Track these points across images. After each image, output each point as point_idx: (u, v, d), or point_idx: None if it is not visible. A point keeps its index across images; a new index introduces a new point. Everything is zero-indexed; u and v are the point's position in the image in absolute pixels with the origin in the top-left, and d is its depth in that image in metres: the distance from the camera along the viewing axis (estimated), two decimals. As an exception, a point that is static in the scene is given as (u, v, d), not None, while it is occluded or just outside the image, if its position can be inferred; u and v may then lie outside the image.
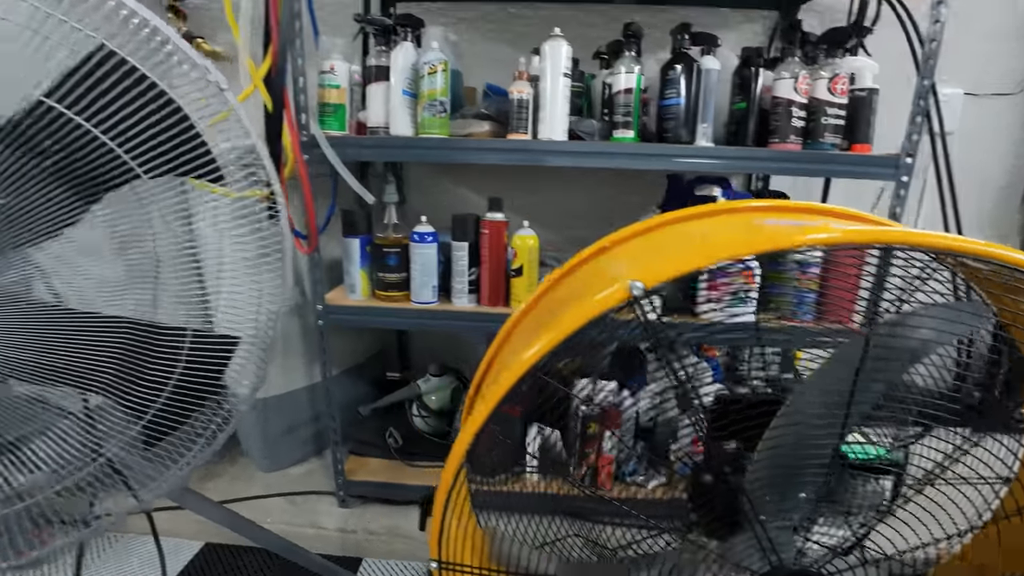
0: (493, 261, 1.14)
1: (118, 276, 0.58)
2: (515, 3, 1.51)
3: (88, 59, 0.48)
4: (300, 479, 1.49)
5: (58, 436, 0.64)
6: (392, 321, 1.23)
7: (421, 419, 1.50)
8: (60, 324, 0.54)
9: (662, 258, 0.53)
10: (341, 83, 1.14)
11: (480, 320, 1.17)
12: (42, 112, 0.47)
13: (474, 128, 1.09)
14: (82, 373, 0.56)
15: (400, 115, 1.10)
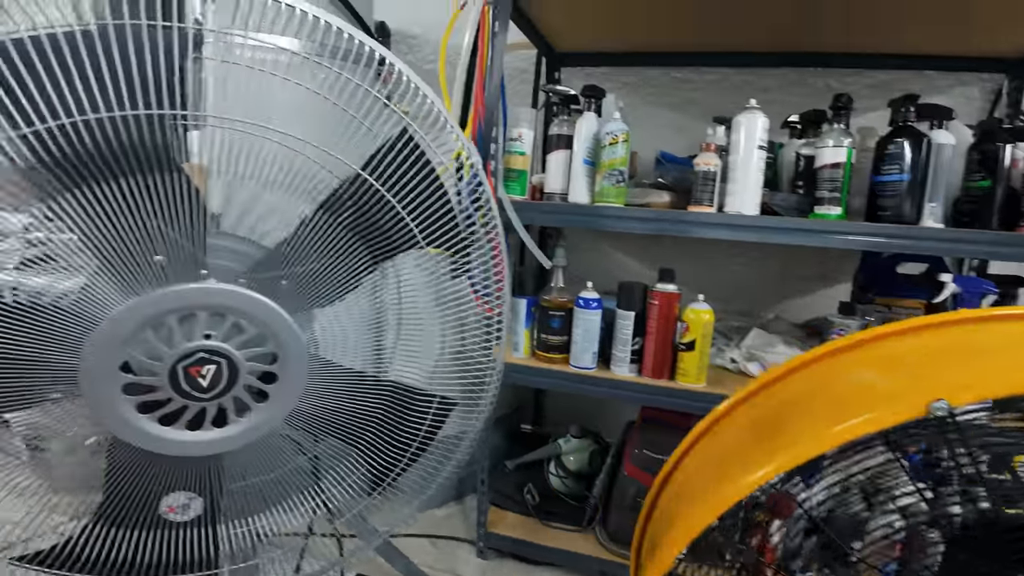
0: (660, 332, 1.11)
1: (390, 342, 0.63)
2: (680, 68, 1.52)
3: (400, 138, 0.54)
4: (442, 522, 1.51)
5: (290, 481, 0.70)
6: (551, 382, 1.23)
7: (558, 479, 1.48)
8: (337, 380, 0.59)
9: (974, 369, 0.47)
10: (526, 150, 1.19)
11: (640, 391, 1.15)
12: (357, 184, 0.53)
13: (653, 198, 1.09)
14: (349, 427, 0.60)
15: (580, 183, 1.13)
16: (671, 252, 1.59)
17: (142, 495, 0.53)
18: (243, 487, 0.65)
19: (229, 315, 0.49)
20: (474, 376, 0.72)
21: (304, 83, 0.52)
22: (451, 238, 0.62)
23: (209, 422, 0.51)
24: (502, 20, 1.11)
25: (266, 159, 0.53)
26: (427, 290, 0.71)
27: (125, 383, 0.46)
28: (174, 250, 0.48)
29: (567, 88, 1.20)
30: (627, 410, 1.63)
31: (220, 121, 0.50)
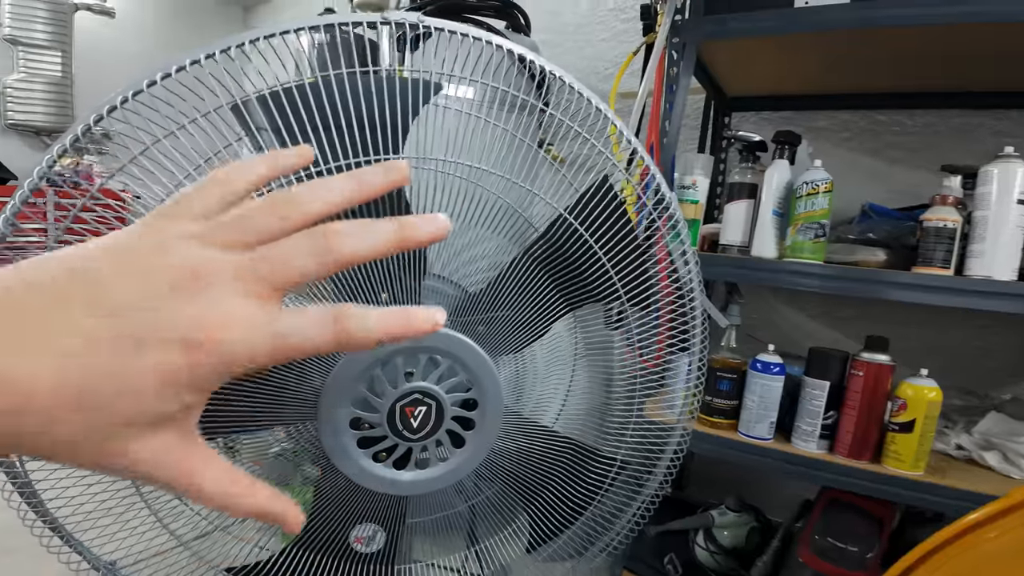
0: (865, 408, 0.96)
1: (561, 394, 0.60)
2: (885, 110, 1.36)
3: (602, 184, 0.52)
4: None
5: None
6: (713, 450, 1.12)
7: (708, 553, 1.34)
8: (521, 432, 0.57)
9: None
10: (700, 199, 1.13)
11: (831, 471, 0.99)
12: (562, 228, 0.51)
13: (863, 256, 0.96)
14: (528, 482, 0.58)
15: (766, 236, 1.03)
16: (865, 316, 1.40)
17: (338, 524, 0.54)
18: (411, 524, 0.65)
19: (443, 358, 0.49)
20: (653, 440, 0.66)
21: (508, 128, 0.52)
22: (648, 291, 0.58)
23: (412, 463, 0.51)
24: (687, 62, 1.08)
25: (472, 201, 0.54)
26: (611, 342, 0.68)
27: (352, 418, 0.47)
28: (397, 289, 0.49)
29: (751, 134, 1.12)
30: (791, 486, 1.45)
31: (443, 164, 0.51)
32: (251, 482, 0.26)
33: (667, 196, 0.56)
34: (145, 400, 0.23)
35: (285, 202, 0.25)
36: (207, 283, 0.23)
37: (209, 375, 0.23)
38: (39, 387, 0.21)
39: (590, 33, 1.79)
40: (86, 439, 0.22)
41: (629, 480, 0.66)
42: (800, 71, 1.26)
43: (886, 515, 1.06)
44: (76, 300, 0.22)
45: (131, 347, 0.22)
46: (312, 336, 0.24)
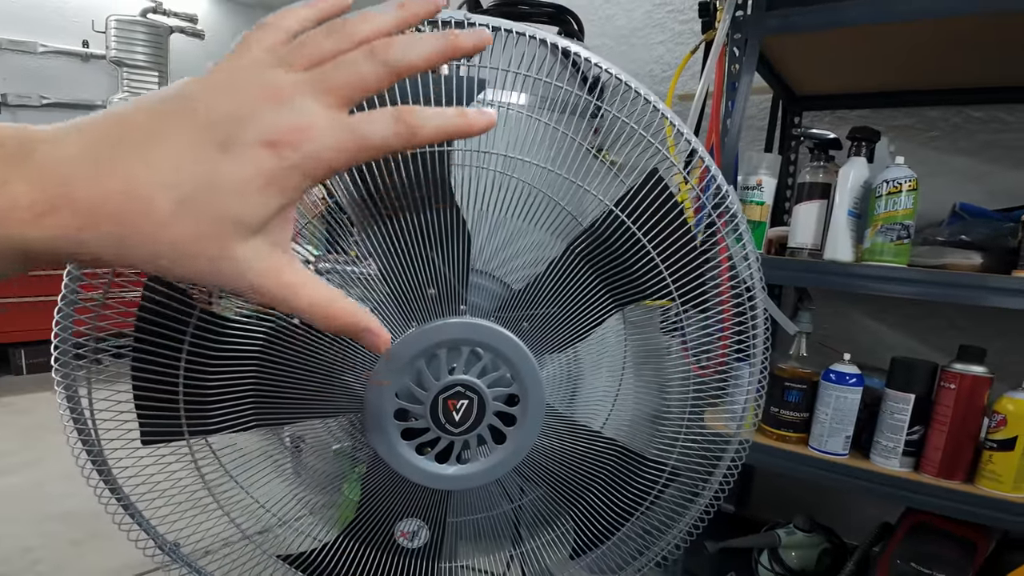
0: (957, 423, 0.88)
1: (611, 395, 0.59)
2: (980, 106, 1.25)
3: (650, 176, 0.50)
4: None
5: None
6: (780, 464, 1.06)
7: (773, 574, 1.26)
8: (564, 431, 0.56)
9: None
10: (766, 200, 1.08)
11: (917, 491, 0.91)
12: (608, 221, 0.50)
13: (955, 259, 0.88)
14: (570, 485, 0.57)
15: (841, 238, 0.97)
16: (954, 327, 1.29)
17: (386, 517, 0.55)
18: (454, 523, 0.64)
19: (486, 352, 0.49)
20: (706, 449, 0.63)
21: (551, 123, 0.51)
22: (702, 290, 0.55)
23: (454, 457, 0.51)
24: (749, 59, 1.03)
25: (517, 197, 0.53)
26: (665, 348, 0.65)
27: (396, 409, 0.47)
28: (443, 284, 0.49)
29: (826, 132, 1.06)
30: (868, 507, 1.35)
31: (478, 157, 0.51)
32: (347, 299, 0.30)
33: (726, 191, 0.53)
34: (240, 197, 0.25)
35: (340, 26, 0.28)
36: (287, 96, 0.26)
37: (297, 175, 0.26)
38: (149, 191, 0.24)
39: (646, 36, 1.75)
40: (194, 238, 0.25)
41: (681, 490, 0.63)
42: (879, 66, 1.18)
43: (979, 540, 0.96)
44: (174, 116, 0.25)
45: (224, 149, 0.25)
46: (381, 130, 0.27)
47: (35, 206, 0.23)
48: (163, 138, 0.25)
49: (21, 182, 0.23)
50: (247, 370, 0.45)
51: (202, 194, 0.25)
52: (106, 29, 2.73)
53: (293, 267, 0.28)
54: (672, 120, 0.49)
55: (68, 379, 0.45)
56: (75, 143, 0.24)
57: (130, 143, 0.25)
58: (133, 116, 0.25)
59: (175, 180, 0.25)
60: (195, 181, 0.25)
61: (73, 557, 1.30)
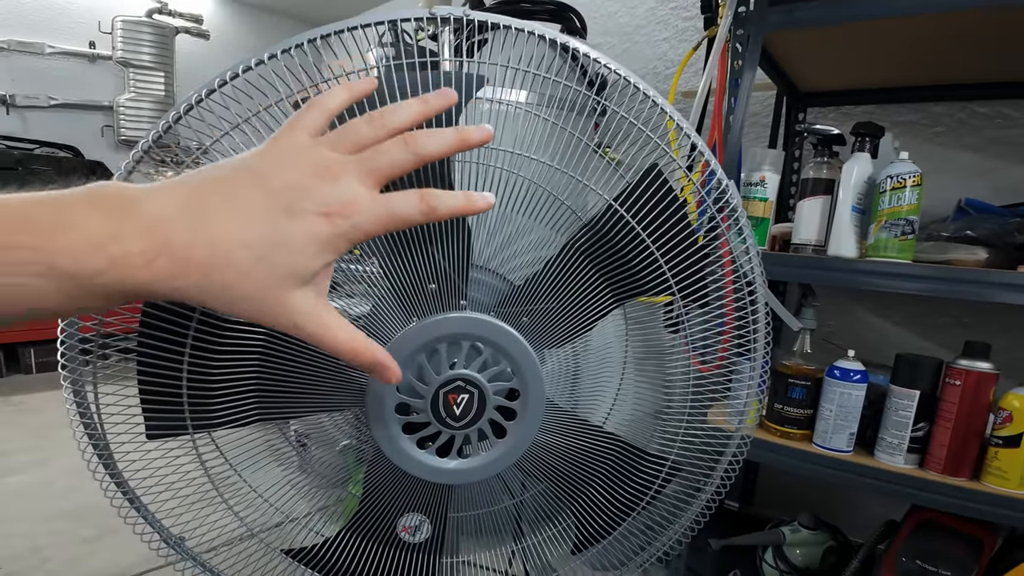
0: (962, 420, 0.87)
1: (611, 390, 0.59)
2: (987, 101, 1.24)
3: (650, 171, 0.50)
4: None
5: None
6: (783, 461, 1.05)
7: (777, 572, 1.26)
8: (565, 427, 0.56)
9: None
10: (769, 196, 1.08)
11: (921, 488, 0.91)
12: (608, 216, 0.50)
13: (960, 255, 0.88)
14: (570, 480, 0.57)
15: (845, 234, 0.96)
16: (959, 324, 1.28)
17: (387, 511, 0.55)
18: (455, 518, 0.65)
19: (486, 347, 0.49)
20: (707, 443, 0.63)
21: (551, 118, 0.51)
22: (702, 285, 0.55)
23: (455, 451, 0.51)
24: (752, 55, 1.03)
25: (518, 193, 0.54)
26: (666, 344, 0.65)
27: (397, 403, 0.48)
28: (443, 279, 0.50)
29: (830, 127, 1.05)
30: (873, 504, 1.34)
31: (500, 156, 0.51)
32: (368, 340, 0.36)
33: (725, 185, 0.53)
34: (300, 256, 0.31)
35: (379, 116, 0.35)
36: (337, 174, 0.32)
37: (343, 240, 0.32)
38: (233, 250, 0.30)
39: (649, 33, 1.75)
40: (264, 288, 0.31)
41: (682, 485, 0.63)
42: (882, 61, 1.18)
43: (986, 538, 0.95)
44: (245, 185, 0.31)
45: (288, 215, 0.31)
46: (409, 208, 0.34)
47: (145, 254, 0.29)
48: (238, 204, 0.31)
49: (132, 235, 0.29)
50: (249, 365, 0.45)
51: (271, 252, 0.31)
52: (112, 30, 2.76)
53: (329, 311, 0.34)
54: (671, 115, 0.49)
55: (75, 373, 0.45)
56: (170, 205, 0.30)
57: (213, 208, 0.30)
58: (213, 184, 0.31)
59: (251, 241, 0.30)
60: (267, 242, 0.30)
61: (84, 555, 1.31)
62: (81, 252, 0.28)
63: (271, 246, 0.30)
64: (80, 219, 0.28)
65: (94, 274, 0.28)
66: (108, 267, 0.28)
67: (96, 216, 0.28)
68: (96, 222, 0.28)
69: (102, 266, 0.28)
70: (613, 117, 0.54)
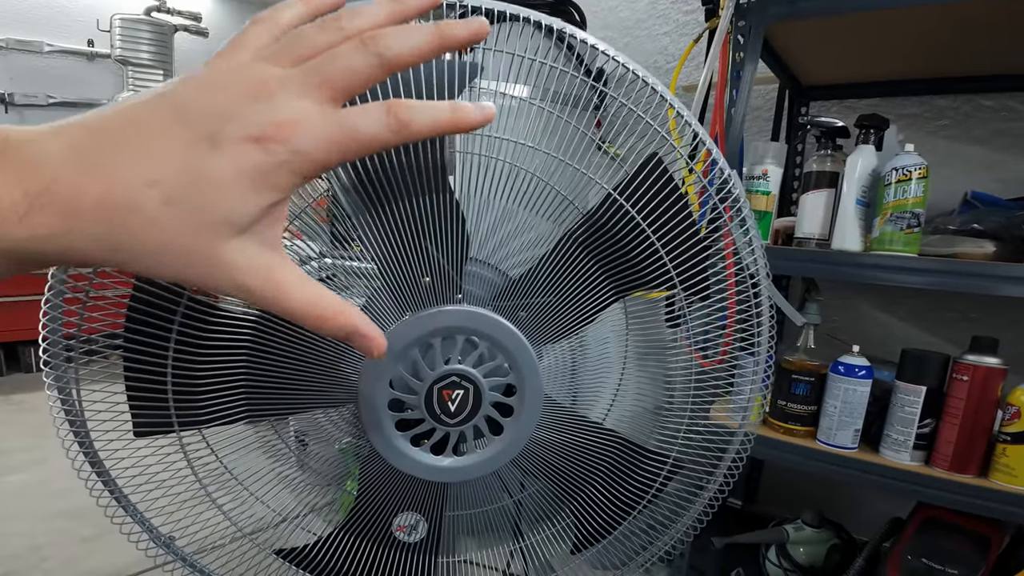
0: (970, 416, 0.86)
1: (610, 386, 0.57)
2: (992, 94, 1.22)
3: (649, 160, 0.49)
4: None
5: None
6: (787, 458, 1.04)
7: (780, 570, 1.25)
8: (563, 423, 0.55)
9: None
10: (771, 189, 1.06)
11: (927, 485, 0.89)
12: (607, 206, 0.49)
13: (967, 248, 0.86)
14: (570, 478, 0.56)
15: (849, 227, 0.95)
16: (965, 319, 1.26)
17: (382, 511, 0.54)
18: (452, 517, 0.64)
19: (482, 342, 0.48)
20: (710, 440, 0.61)
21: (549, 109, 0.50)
22: (704, 278, 0.53)
23: (450, 448, 0.50)
24: (753, 46, 1.01)
25: (515, 184, 0.52)
26: (667, 340, 0.64)
27: (390, 399, 0.46)
28: (438, 272, 0.48)
29: (833, 120, 1.04)
30: (878, 502, 1.33)
31: (488, 141, 0.50)
32: (341, 301, 0.29)
33: (728, 175, 0.51)
34: (227, 195, 0.25)
35: (334, 20, 0.28)
36: (274, 90, 0.25)
37: (285, 172, 0.25)
38: (135, 189, 0.24)
39: (650, 27, 1.73)
40: (182, 236, 0.25)
41: (684, 483, 0.62)
42: (886, 54, 1.16)
43: (993, 535, 0.94)
44: (158, 116, 0.25)
45: (209, 146, 0.24)
46: (372, 123, 0.26)
47: (17, 205, 0.23)
48: (147, 136, 0.24)
49: (3, 184, 0.23)
50: (237, 360, 0.44)
51: (187, 192, 0.24)
52: (111, 28, 2.74)
53: (283, 266, 0.27)
54: (671, 102, 0.47)
55: (58, 370, 0.44)
56: (57, 142, 0.24)
57: (114, 142, 0.24)
58: (117, 115, 0.25)
59: (159, 178, 0.24)
60: (180, 179, 0.24)
61: (83, 554, 1.30)
62: None
63: (187, 183, 0.24)
64: None
65: None
66: None
67: None
68: None
69: None
70: (613, 110, 0.52)
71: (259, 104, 0.25)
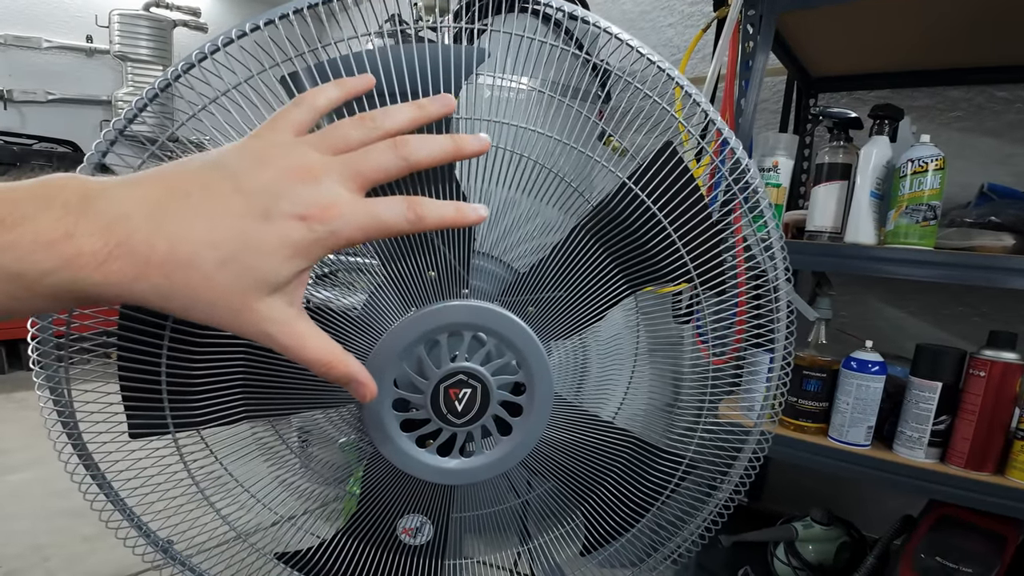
0: (987, 413, 0.84)
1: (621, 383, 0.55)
2: (1006, 85, 1.20)
3: (664, 148, 0.47)
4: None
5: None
6: (801, 456, 1.02)
7: (789, 568, 1.23)
8: (575, 423, 0.53)
9: None
10: (783, 182, 1.04)
11: (943, 483, 0.88)
12: (620, 196, 0.47)
13: (984, 241, 0.84)
14: (581, 479, 0.54)
15: (863, 220, 0.93)
16: (979, 314, 1.24)
17: (387, 513, 0.52)
18: (459, 519, 0.62)
19: (489, 338, 0.46)
20: (725, 440, 0.60)
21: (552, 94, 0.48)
22: (722, 269, 0.51)
23: (457, 450, 0.48)
24: (765, 36, 0.99)
25: (523, 173, 0.50)
26: (679, 337, 0.62)
27: (395, 399, 0.45)
28: (444, 266, 0.46)
29: (846, 111, 1.01)
30: (889, 499, 1.31)
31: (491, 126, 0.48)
32: (344, 352, 0.33)
33: (746, 165, 0.49)
34: (271, 260, 0.29)
35: (369, 118, 0.33)
36: (318, 176, 0.30)
37: (320, 246, 0.30)
38: (197, 250, 0.27)
39: (655, 19, 1.71)
40: (229, 293, 0.28)
41: (698, 483, 0.60)
42: (898, 43, 1.13)
43: (1009, 533, 0.92)
44: (218, 184, 0.29)
45: (262, 218, 0.28)
46: (395, 216, 0.31)
47: (98, 255, 0.26)
48: (208, 203, 0.28)
49: (86, 234, 0.26)
50: (235, 359, 0.42)
51: (240, 255, 0.28)
52: (109, 24, 2.72)
53: (301, 320, 0.32)
54: (679, 81, 0.45)
55: (49, 369, 0.42)
56: (132, 201, 0.27)
57: (180, 207, 0.28)
58: (182, 181, 0.29)
59: (218, 242, 0.28)
60: (235, 244, 0.28)
61: (84, 553, 1.29)
62: (28, 250, 0.25)
63: (240, 248, 0.28)
64: (30, 214, 0.26)
65: (42, 275, 0.26)
66: (58, 267, 0.26)
67: (48, 211, 0.26)
68: (48, 218, 0.26)
69: (51, 267, 0.26)
70: (620, 99, 0.50)
71: (306, 187, 0.29)
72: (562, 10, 0.45)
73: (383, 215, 0.31)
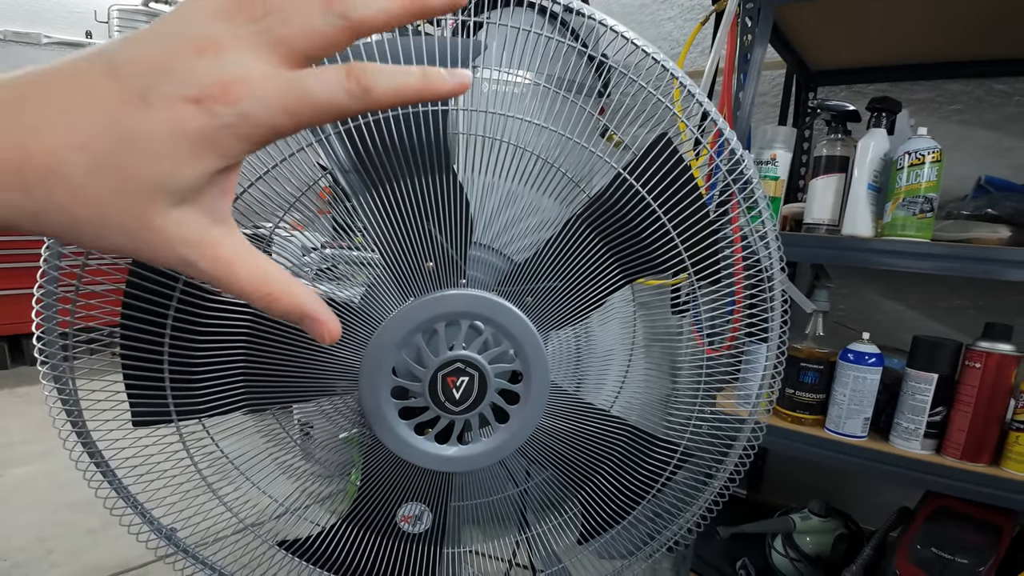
0: (983, 404, 0.84)
1: (618, 373, 0.56)
2: (1005, 78, 1.20)
3: (659, 140, 0.48)
4: None
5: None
6: (798, 448, 1.03)
7: (787, 560, 1.24)
8: (572, 411, 0.54)
9: None
10: (780, 175, 1.04)
11: (938, 474, 0.88)
12: (617, 187, 0.47)
13: (981, 233, 0.84)
14: (578, 467, 0.54)
15: (860, 212, 0.93)
16: (975, 306, 1.24)
17: (386, 501, 0.53)
18: (457, 507, 0.63)
19: (487, 327, 0.46)
20: (719, 430, 0.60)
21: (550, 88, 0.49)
22: (717, 261, 0.52)
23: (455, 437, 0.49)
24: (763, 28, 0.99)
25: (521, 164, 0.51)
26: (676, 328, 0.63)
27: (393, 387, 0.45)
28: (441, 256, 0.47)
29: (844, 104, 1.02)
30: (886, 491, 1.32)
31: (490, 118, 0.48)
32: (291, 279, 0.26)
33: (740, 155, 0.50)
34: (162, 160, 0.22)
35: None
36: (225, 47, 0.22)
37: (229, 136, 0.23)
38: (57, 153, 0.21)
39: (654, 12, 1.70)
40: (113, 209, 0.22)
41: (693, 472, 0.60)
42: (896, 36, 1.13)
43: (1005, 524, 0.93)
44: (87, 72, 0.22)
45: (140, 104, 0.22)
46: (329, 87, 0.23)
47: None
48: (74, 95, 0.22)
49: None
50: (235, 347, 0.43)
51: (117, 156, 0.22)
52: (108, 19, 2.72)
53: (231, 241, 0.25)
54: (674, 71, 0.46)
55: (53, 359, 0.43)
56: None
57: (39, 103, 0.22)
58: (44, 75, 0.22)
59: (85, 142, 0.22)
60: (106, 141, 0.22)
61: (88, 546, 1.30)
62: None
63: (114, 146, 0.22)
64: None
65: None
66: None
67: None
68: None
69: None
70: (616, 92, 0.51)
71: (203, 61, 0.22)
72: (561, 4, 0.46)
73: (313, 88, 0.23)
